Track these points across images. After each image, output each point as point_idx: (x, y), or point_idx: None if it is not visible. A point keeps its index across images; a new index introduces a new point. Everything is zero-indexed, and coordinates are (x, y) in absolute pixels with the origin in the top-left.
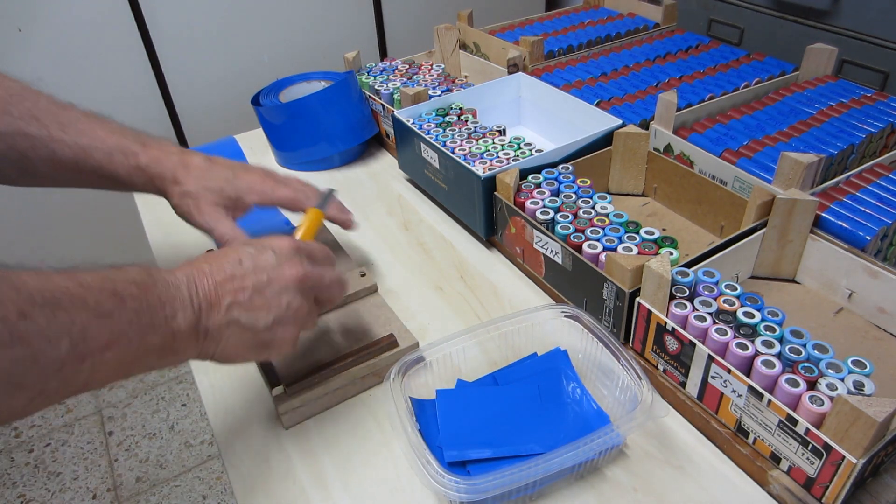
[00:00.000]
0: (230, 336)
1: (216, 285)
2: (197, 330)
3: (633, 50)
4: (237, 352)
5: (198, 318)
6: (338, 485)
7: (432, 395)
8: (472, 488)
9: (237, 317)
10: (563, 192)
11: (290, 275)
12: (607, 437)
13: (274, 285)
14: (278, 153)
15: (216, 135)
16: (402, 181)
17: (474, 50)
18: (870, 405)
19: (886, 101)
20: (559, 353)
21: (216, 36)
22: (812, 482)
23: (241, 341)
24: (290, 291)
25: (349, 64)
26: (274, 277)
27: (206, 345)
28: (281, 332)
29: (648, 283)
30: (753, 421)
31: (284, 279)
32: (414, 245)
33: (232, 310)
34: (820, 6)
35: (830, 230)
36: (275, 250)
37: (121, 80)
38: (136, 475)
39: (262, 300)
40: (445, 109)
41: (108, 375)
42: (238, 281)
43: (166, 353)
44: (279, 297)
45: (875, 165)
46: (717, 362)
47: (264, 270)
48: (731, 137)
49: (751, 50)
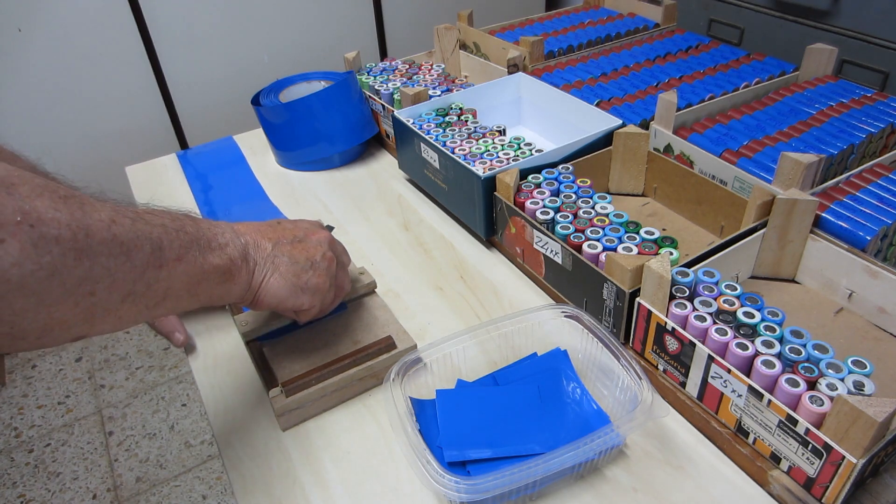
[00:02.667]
0: (275, 270)
1: (259, 231)
2: (247, 258)
3: (633, 50)
4: (279, 287)
5: (245, 252)
6: (338, 485)
7: (432, 395)
8: (472, 488)
9: (281, 253)
10: (563, 192)
11: (323, 234)
12: (607, 437)
13: (310, 239)
14: (278, 153)
15: (216, 135)
16: (402, 181)
17: (474, 50)
18: (870, 405)
19: (886, 101)
20: (559, 353)
21: (216, 36)
22: (812, 482)
23: (284, 277)
24: (323, 244)
25: (349, 64)
26: (309, 234)
27: (255, 275)
28: (315, 276)
29: (648, 283)
30: (753, 421)
31: (318, 237)
32: (414, 245)
33: (276, 248)
34: (820, 6)
35: (830, 230)
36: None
37: (121, 80)
38: (136, 475)
39: (301, 246)
40: (445, 109)
41: (181, 290)
42: (279, 232)
43: (225, 277)
44: (315, 247)
45: (875, 165)
46: (717, 362)
47: (301, 229)
48: (731, 137)
49: (751, 50)
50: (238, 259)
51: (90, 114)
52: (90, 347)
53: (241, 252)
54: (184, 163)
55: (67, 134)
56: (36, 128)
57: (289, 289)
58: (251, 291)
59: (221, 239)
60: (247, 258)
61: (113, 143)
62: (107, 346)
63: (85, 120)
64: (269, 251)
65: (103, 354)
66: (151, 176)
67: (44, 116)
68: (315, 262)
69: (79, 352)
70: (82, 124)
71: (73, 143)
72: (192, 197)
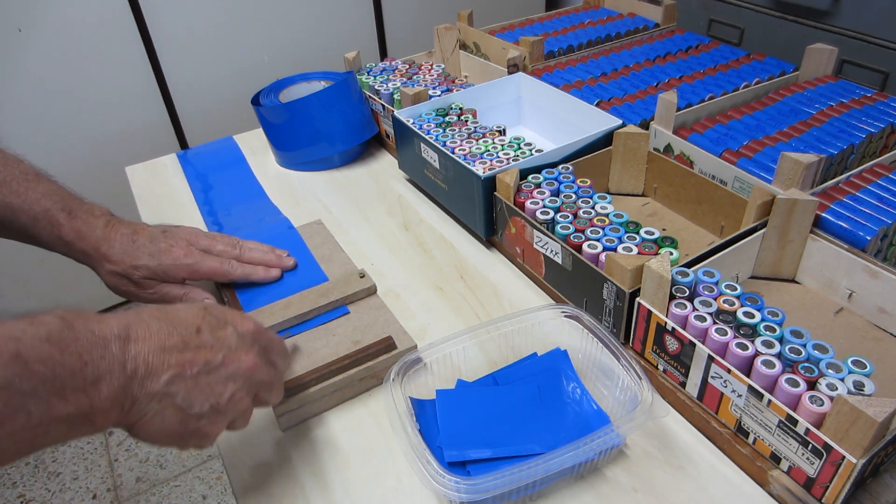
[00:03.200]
0: (159, 412)
1: (161, 349)
2: (123, 398)
3: (633, 50)
4: (157, 431)
5: (128, 384)
6: (338, 485)
7: (432, 395)
8: (472, 488)
9: (175, 392)
10: (563, 192)
11: (246, 363)
12: (607, 437)
13: (225, 369)
14: (278, 153)
15: (216, 135)
16: (402, 181)
17: (474, 50)
18: (870, 405)
19: (886, 101)
20: (559, 353)
21: (216, 36)
22: (812, 482)
23: (167, 422)
24: (238, 380)
25: (349, 64)
26: (229, 360)
27: (130, 414)
28: (210, 424)
29: (648, 283)
30: (753, 421)
31: (237, 365)
32: (414, 245)
33: (172, 384)
34: (820, 6)
35: (830, 230)
36: (237, 329)
37: (121, 81)
38: (136, 475)
39: (207, 381)
40: (445, 109)
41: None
42: (189, 353)
43: (79, 424)
44: (225, 384)
45: (875, 165)
46: (717, 362)
47: (221, 349)
48: (731, 137)
49: (751, 50)
50: (107, 400)
51: (90, 114)
52: None
53: (117, 390)
54: (184, 163)
55: (67, 134)
56: (36, 128)
57: (169, 436)
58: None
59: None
60: (123, 398)
61: (113, 144)
62: None
63: (85, 120)
64: (160, 388)
65: None
66: (151, 176)
67: (44, 116)
68: (216, 407)
69: None
70: (82, 124)
71: (73, 144)
72: (192, 197)
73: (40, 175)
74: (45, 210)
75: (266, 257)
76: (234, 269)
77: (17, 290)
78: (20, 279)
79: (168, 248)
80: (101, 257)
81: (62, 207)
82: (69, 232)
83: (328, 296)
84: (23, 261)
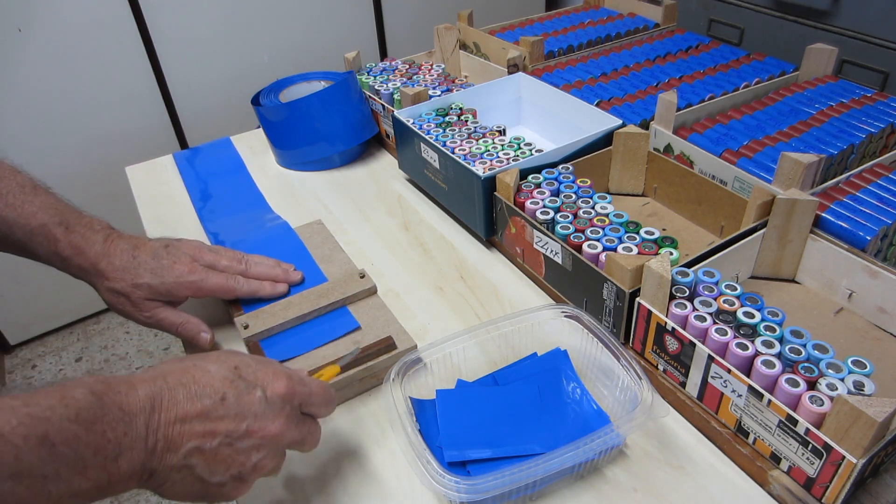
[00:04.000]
0: (179, 481)
1: (183, 420)
2: (142, 471)
3: (633, 50)
4: (178, 495)
5: (147, 458)
6: (338, 485)
7: (432, 395)
8: (472, 488)
9: (195, 464)
10: (563, 192)
11: (271, 431)
12: (607, 437)
13: (249, 439)
14: (278, 153)
15: (216, 135)
16: (402, 181)
17: (474, 50)
18: (870, 405)
19: (886, 101)
20: (559, 353)
21: (216, 36)
22: (812, 482)
23: (188, 489)
24: (262, 449)
25: (349, 64)
26: (253, 430)
27: (148, 484)
28: (230, 490)
29: (648, 283)
30: (753, 421)
31: (262, 434)
32: (414, 245)
33: (191, 456)
34: (820, 6)
35: (830, 230)
36: (265, 392)
37: (121, 81)
38: None
39: (228, 452)
40: (445, 109)
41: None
42: (211, 423)
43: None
44: (248, 454)
45: (875, 165)
46: (717, 362)
47: (245, 418)
48: (731, 137)
49: (751, 50)
50: (126, 474)
51: (90, 114)
52: (90, 347)
53: (136, 465)
54: (180, 164)
55: (68, 134)
56: (36, 128)
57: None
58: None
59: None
60: (142, 472)
61: (113, 144)
62: (107, 346)
63: (85, 120)
64: (179, 461)
65: (103, 354)
66: (151, 176)
67: (44, 117)
68: (238, 476)
69: (79, 352)
70: (83, 125)
71: (73, 144)
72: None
73: (38, 187)
74: (42, 224)
75: (272, 272)
76: (240, 285)
77: (17, 290)
78: (20, 279)
79: (171, 264)
80: (100, 274)
81: (59, 222)
82: (66, 247)
83: (328, 296)
84: (22, 261)
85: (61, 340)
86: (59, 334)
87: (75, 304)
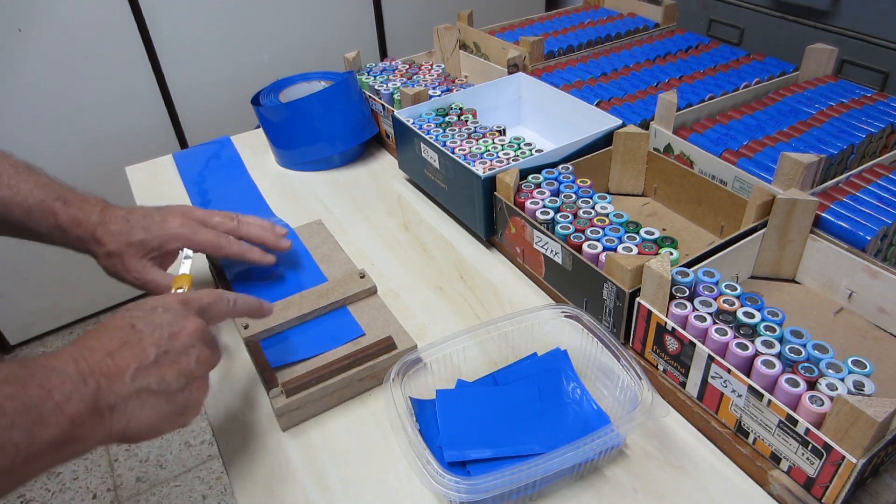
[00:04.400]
0: (142, 405)
1: (111, 354)
2: (99, 407)
3: (633, 50)
4: (152, 423)
5: (97, 395)
6: (338, 485)
7: (432, 395)
8: (472, 488)
9: (146, 383)
10: (563, 192)
11: (192, 326)
12: (607, 437)
13: (177, 341)
14: (278, 153)
15: (216, 135)
16: (402, 181)
17: (474, 50)
18: (870, 405)
19: (886, 101)
20: (559, 353)
21: (216, 36)
22: (812, 482)
23: (156, 409)
24: (196, 344)
25: (349, 64)
26: (175, 332)
27: (114, 421)
28: (194, 390)
29: (648, 283)
30: (753, 421)
31: (186, 333)
32: (414, 245)
33: (139, 376)
34: (820, 6)
35: (830, 230)
36: (165, 307)
37: (121, 81)
38: (136, 475)
39: (169, 360)
40: (445, 109)
41: None
42: (136, 346)
43: (66, 445)
44: (186, 353)
45: (875, 165)
46: (717, 362)
47: (162, 327)
48: (731, 137)
49: (751, 50)
50: (84, 415)
51: (90, 114)
52: None
53: (88, 404)
54: (180, 163)
55: (67, 134)
56: (36, 128)
57: (163, 420)
58: (112, 438)
59: (60, 394)
60: (99, 408)
61: (113, 144)
62: None
63: (85, 120)
64: (129, 385)
65: None
66: (151, 176)
67: (44, 116)
68: (191, 373)
69: None
70: (82, 125)
71: (73, 144)
72: (189, 198)
73: (31, 168)
74: (40, 201)
75: (264, 234)
76: (230, 244)
77: (17, 290)
78: (20, 279)
79: (162, 220)
80: (97, 241)
81: (56, 197)
82: (65, 220)
83: (328, 296)
84: (23, 260)
85: (61, 340)
86: (59, 334)
87: (75, 304)
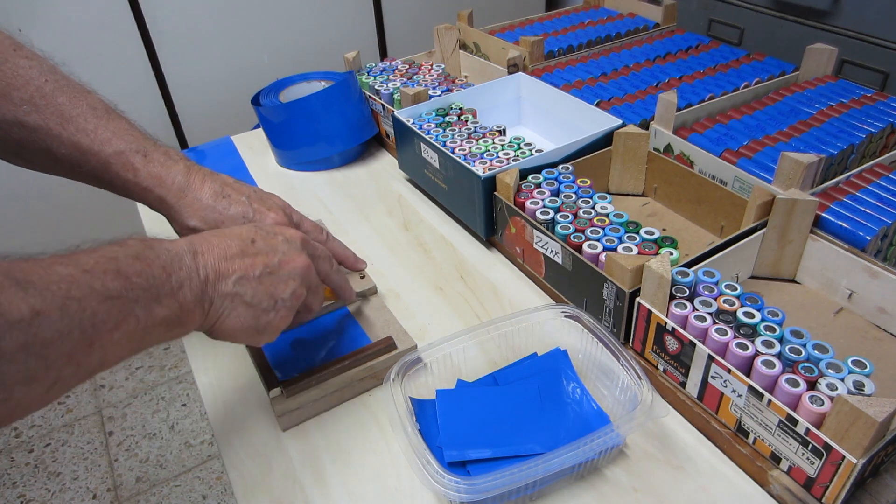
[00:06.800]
0: (233, 309)
1: (225, 258)
2: (203, 300)
3: (633, 50)
4: (235, 328)
5: (203, 288)
6: (338, 485)
7: (432, 395)
8: (472, 488)
9: (244, 291)
10: (563, 192)
11: (301, 262)
12: (607, 437)
13: (283, 269)
14: (278, 153)
15: (216, 135)
16: (402, 181)
17: (474, 50)
18: (870, 405)
19: (886, 101)
20: (559, 353)
21: (216, 36)
22: (812, 482)
23: (242, 318)
24: (296, 278)
25: (349, 64)
26: (285, 261)
27: (210, 315)
28: (277, 317)
29: (648, 283)
30: (753, 421)
31: (294, 265)
32: (414, 245)
33: (241, 283)
34: (820, 6)
35: (830, 230)
36: (286, 237)
37: (121, 81)
38: (136, 475)
39: (270, 281)
40: (445, 109)
41: (119, 354)
42: (249, 258)
43: (173, 325)
44: (286, 282)
45: (875, 165)
46: (717, 362)
47: (276, 253)
48: (731, 137)
49: (751, 50)
50: (192, 303)
51: None
52: None
53: (196, 293)
54: None
55: None
56: None
57: (245, 331)
58: (204, 327)
59: (176, 279)
60: (202, 300)
61: None
62: None
63: None
64: (230, 288)
65: None
66: None
67: None
68: (281, 302)
69: None
70: None
71: None
72: None
73: (110, 110)
74: (119, 152)
75: (346, 252)
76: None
77: None
78: None
79: (259, 210)
80: (183, 207)
81: (137, 149)
82: (146, 177)
83: (328, 296)
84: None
85: None
86: None
87: None
